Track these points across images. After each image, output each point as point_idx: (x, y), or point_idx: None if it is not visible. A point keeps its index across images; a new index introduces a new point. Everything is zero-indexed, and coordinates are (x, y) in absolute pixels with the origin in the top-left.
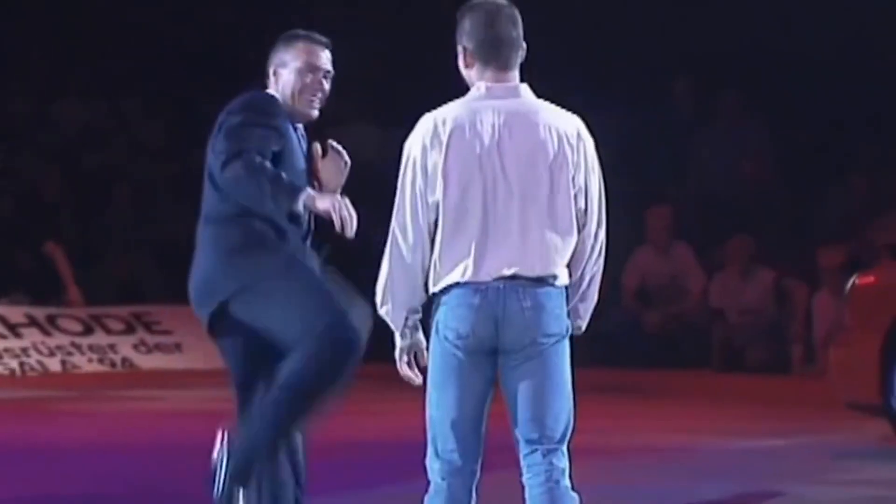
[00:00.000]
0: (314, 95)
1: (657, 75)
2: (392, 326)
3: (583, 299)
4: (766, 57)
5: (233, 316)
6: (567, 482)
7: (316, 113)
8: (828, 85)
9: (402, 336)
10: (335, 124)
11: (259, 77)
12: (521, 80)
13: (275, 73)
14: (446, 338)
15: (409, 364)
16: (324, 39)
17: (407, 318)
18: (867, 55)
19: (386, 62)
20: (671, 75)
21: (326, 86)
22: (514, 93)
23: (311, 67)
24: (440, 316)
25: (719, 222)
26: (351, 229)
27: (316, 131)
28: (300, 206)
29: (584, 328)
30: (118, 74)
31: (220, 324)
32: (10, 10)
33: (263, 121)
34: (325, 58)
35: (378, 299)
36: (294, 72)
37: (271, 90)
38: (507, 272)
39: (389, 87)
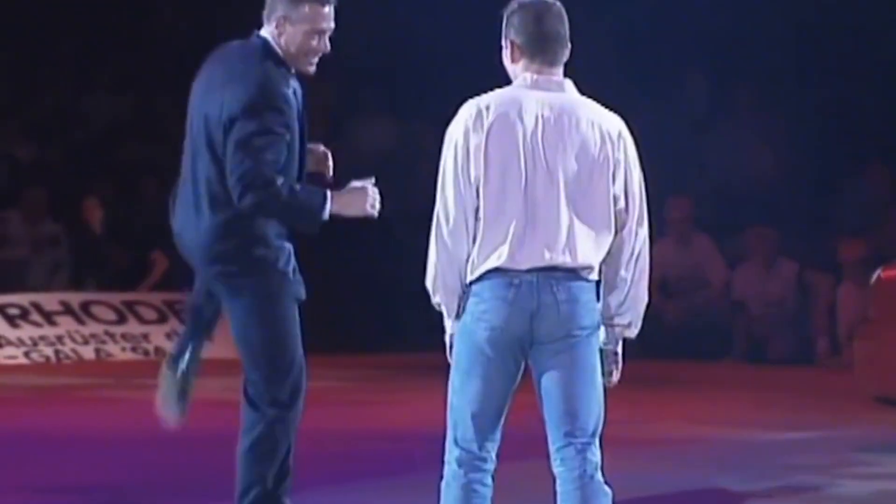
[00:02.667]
0: (316, 56)
1: (674, 67)
2: (445, 313)
3: (632, 301)
4: (783, 48)
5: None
6: (600, 477)
7: (314, 70)
8: (848, 75)
9: (454, 322)
10: (353, 116)
11: None
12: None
13: (278, 25)
14: (476, 329)
15: None
16: None
17: (459, 305)
18: (886, 46)
19: (403, 54)
20: (688, 67)
21: (328, 45)
22: (559, 87)
23: (319, 31)
24: (470, 307)
25: (740, 214)
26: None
27: (334, 123)
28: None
29: (635, 333)
30: (147, 68)
31: None
32: (40, 4)
33: (277, 127)
34: (330, 17)
35: (430, 288)
36: (300, 33)
37: (268, 36)
38: (542, 263)
39: (407, 80)
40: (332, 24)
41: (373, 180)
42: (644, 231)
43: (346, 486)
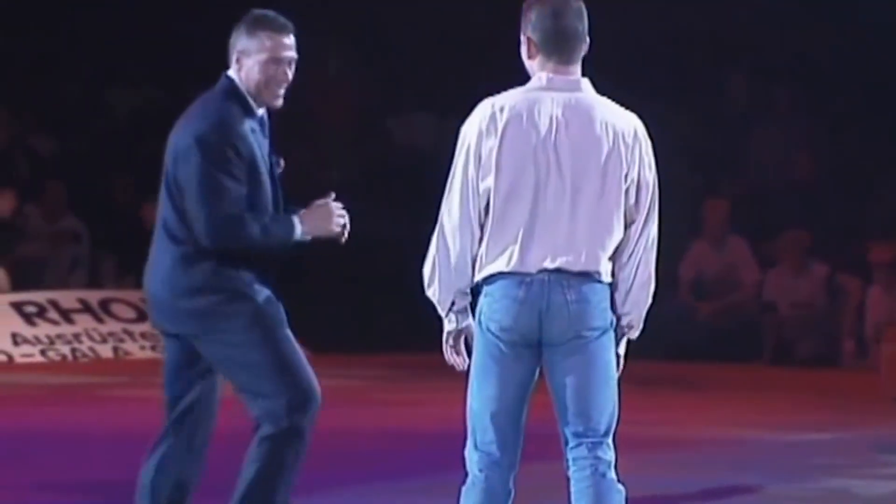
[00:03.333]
0: (279, 86)
1: (713, 69)
2: (438, 308)
3: (635, 302)
4: (820, 52)
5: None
6: (613, 475)
7: (280, 102)
8: (883, 80)
9: (449, 320)
10: (392, 113)
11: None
12: (583, 75)
13: (237, 61)
14: (489, 329)
15: (455, 349)
16: (286, 23)
17: (453, 302)
18: None
19: (443, 50)
20: (727, 69)
21: (291, 74)
22: (575, 86)
23: (276, 60)
24: (483, 308)
25: (773, 216)
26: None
27: (374, 120)
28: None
29: (637, 334)
30: (171, 60)
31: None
32: None
33: (233, 163)
34: (289, 45)
35: (425, 280)
36: (258, 64)
37: (233, 75)
38: (552, 265)
39: (446, 76)
40: (293, 54)
41: (333, 196)
42: (651, 231)
43: (366, 486)
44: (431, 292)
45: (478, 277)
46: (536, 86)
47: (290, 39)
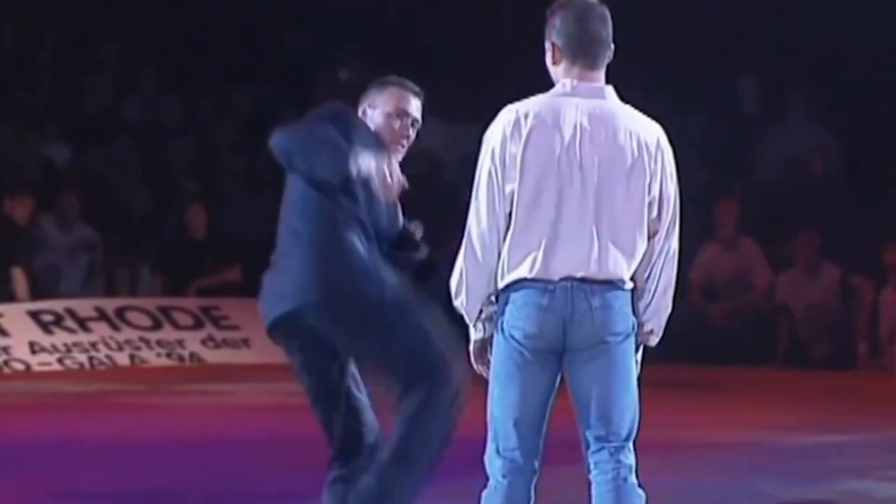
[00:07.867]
0: (400, 141)
1: (724, 70)
2: (466, 318)
3: (655, 311)
4: (833, 53)
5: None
6: (634, 479)
7: (400, 158)
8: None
9: (477, 329)
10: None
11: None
12: (608, 81)
13: (363, 113)
14: (512, 336)
15: (483, 359)
16: (416, 88)
17: (481, 311)
18: None
19: (447, 55)
20: (738, 69)
21: (413, 134)
22: (600, 93)
23: (401, 113)
24: (506, 315)
25: (786, 218)
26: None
27: None
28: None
29: (656, 341)
30: (190, 70)
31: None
32: (81, 7)
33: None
34: (415, 105)
35: (452, 290)
36: (383, 116)
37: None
38: (576, 274)
39: (456, 82)
40: (419, 115)
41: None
42: (674, 242)
43: None
44: (459, 302)
45: (500, 284)
46: (560, 92)
47: (417, 102)
